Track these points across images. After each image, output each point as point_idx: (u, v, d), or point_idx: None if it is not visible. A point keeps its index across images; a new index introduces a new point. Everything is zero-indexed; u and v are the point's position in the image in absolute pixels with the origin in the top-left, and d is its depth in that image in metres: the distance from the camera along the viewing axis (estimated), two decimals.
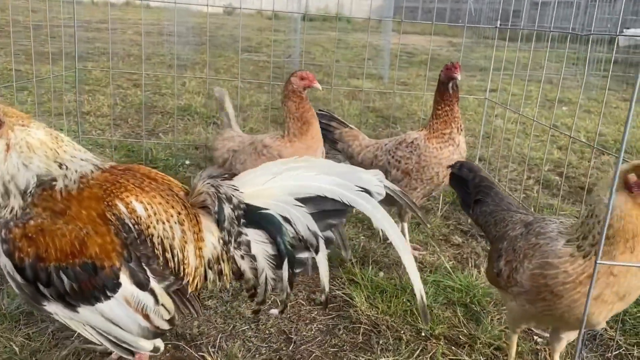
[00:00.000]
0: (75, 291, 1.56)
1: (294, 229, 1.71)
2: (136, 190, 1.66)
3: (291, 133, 2.86)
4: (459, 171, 2.35)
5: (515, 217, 2.00)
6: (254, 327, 2.33)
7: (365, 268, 2.79)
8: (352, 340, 2.28)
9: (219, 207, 1.70)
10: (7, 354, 2.00)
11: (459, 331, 2.34)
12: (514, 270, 1.83)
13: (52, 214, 1.56)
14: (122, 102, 6.70)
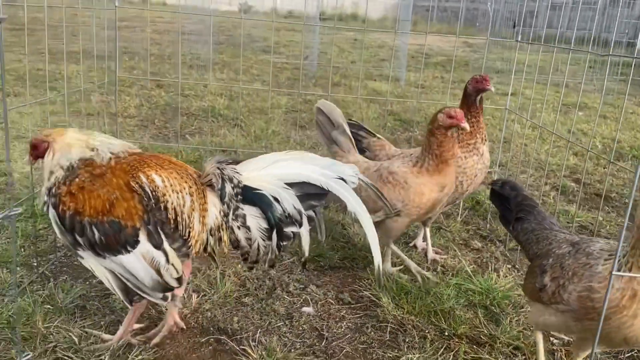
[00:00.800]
0: (103, 243, 1.95)
1: (281, 207, 2.11)
2: (156, 167, 2.08)
3: (424, 167, 2.75)
4: (500, 189, 2.46)
5: (559, 237, 2.12)
6: (288, 323, 2.51)
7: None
8: (380, 338, 2.45)
9: (221, 184, 2.10)
10: (67, 344, 2.19)
11: (480, 331, 2.50)
12: (561, 287, 1.91)
13: (91, 177, 1.99)
14: (147, 103, 6.90)
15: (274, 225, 2.12)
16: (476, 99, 3.07)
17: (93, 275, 2.73)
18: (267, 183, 2.14)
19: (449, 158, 2.73)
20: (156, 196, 2.01)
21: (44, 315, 2.33)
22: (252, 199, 2.12)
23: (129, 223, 1.96)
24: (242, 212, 2.12)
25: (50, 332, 2.25)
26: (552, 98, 8.86)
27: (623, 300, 1.70)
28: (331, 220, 3.60)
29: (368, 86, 9.47)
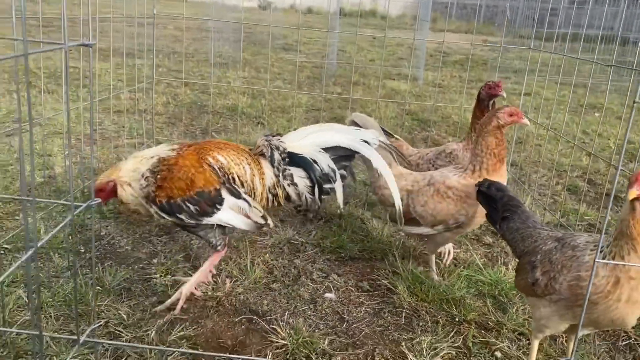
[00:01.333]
0: (199, 211, 2.46)
1: (319, 166, 2.68)
2: (216, 149, 2.60)
3: (483, 169, 2.79)
4: (487, 190, 2.58)
5: (542, 234, 2.30)
6: (312, 307, 2.76)
7: (406, 261, 3.19)
8: (396, 322, 2.69)
9: (271, 152, 2.66)
10: (118, 320, 2.47)
11: (488, 318, 2.73)
12: (553, 280, 2.10)
13: (168, 168, 2.46)
14: (173, 100, 7.20)
15: (314, 182, 2.68)
16: (489, 104, 3.29)
17: (135, 260, 3.03)
18: (307, 148, 2.70)
19: (504, 155, 2.84)
20: (223, 170, 2.53)
21: (96, 295, 2.61)
22: (296, 162, 2.68)
23: (211, 188, 2.46)
24: (290, 172, 2.67)
25: (102, 309, 2.53)
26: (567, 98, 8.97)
27: (608, 286, 1.92)
28: (351, 215, 3.84)
29: (387, 85, 9.67)
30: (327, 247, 3.35)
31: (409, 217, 2.96)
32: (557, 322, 2.15)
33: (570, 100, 5.07)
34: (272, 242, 3.36)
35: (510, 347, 2.53)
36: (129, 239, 3.28)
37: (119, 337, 2.38)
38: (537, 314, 2.23)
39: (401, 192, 2.95)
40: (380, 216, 3.87)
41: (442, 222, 2.87)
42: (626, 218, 1.90)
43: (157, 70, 9.18)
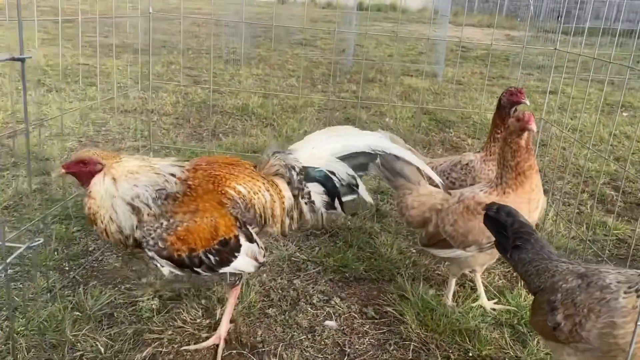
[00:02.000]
0: (218, 262, 2.15)
1: (337, 177, 2.43)
2: (232, 177, 2.26)
3: (504, 183, 2.56)
4: (496, 214, 2.26)
5: (561, 267, 2.01)
6: (310, 337, 2.51)
7: (416, 283, 2.91)
8: (402, 357, 2.42)
9: (289, 174, 2.37)
10: (94, 353, 2.25)
11: (505, 353, 2.45)
12: (578, 326, 1.82)
13: (190, 215, 2.08)
14: (183, 99, 6.99)
15: (333, 195, 2.44)
16: (510, 111, 2.99)
17: (122, 280, 2.82)
18: (321, 159, 2.44)
19: (527, 169, 2.50)
20: (244, 203, 2.24)
21: (73, 322, 2.40)
22: (313, 177, 2.42)
23: (231, 235, 2.16)
24: (307, 190, 2.41)
25: (78, 339, 2.32)
26: (594, 97, 8.56)
27: None
28: (359, 229, 3.58)
29: (404, 82, 9.34)
30: (331, 266, 3.09)
31: (440, 239, 2.70)
32: None
33: (597, 99, 4.70)
34: (272, 259, 3.12)
35: None
36: (119, 254, 3.07)
37: None
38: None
39: (430, 212, 2.77)
40: (390, 229, 3.60)
41: (475, 241, 2.58)
42: None
43: (170, 68, 9.01)
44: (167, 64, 9.16)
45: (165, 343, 2.38)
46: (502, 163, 2.56)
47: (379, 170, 2.93)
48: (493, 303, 2.82)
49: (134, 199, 2.03)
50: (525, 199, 2.52)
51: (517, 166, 2.50)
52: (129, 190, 2.03)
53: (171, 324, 2.50)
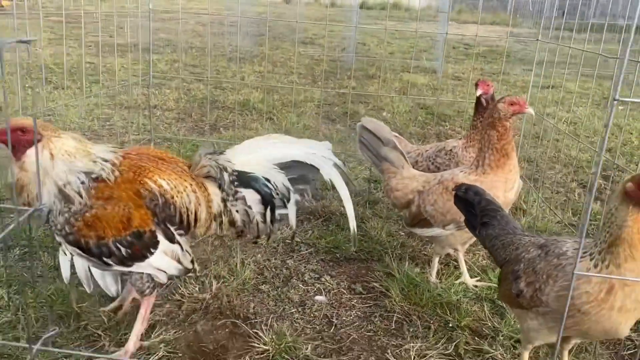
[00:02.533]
0: (130, 255, 2.06)
1: (272, 185, 2.34)
2: (157, 170, 2.18)
3: (486, 164, 2.70)
4: (464, 194, 2.40)
5: (523, 240, 2.15)
6: (300, 310, 2.67)
7: (403, 263, 3.07)
8: (386, 327, 2.58)
9: (220, 175, 2.28)
10: (97, 323, 2.43)
11: (484, 324, 2.60)
12: (538, 291, 1.97)
13: (103, 202, 2.01)
14: (185, 95, 7.17)
15: (267, 203, 2.35)
16: (489, 100, 3.14)
17: None
18: (258, 165, 2.36)
19: (511, 150, 2.67)
20: (164, 198, 2.13)
21: (79, 297, 2.57)
22: (247, 182, 2.33)
23: (146, 229, 2.07)
24: (241, 195, 2.32)
25: (83, 311, 2.49)
26: (591, 92, 8.67)
27: (601, 294, 1.78)
28: None
29: (403, 78, 9.48)
30: (323, 247, 3.26)
31: (421, 219, 2.87)
32: (547, 334, 2.02)
33: (594, 93, 4.84)
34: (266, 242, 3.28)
35: (504, 355, 2.40)
36: None
37: (97, 340, 2.33)
38: (524, 326, 2.10)
39: (412, 193, 2.94)
40: (381, 215, 3.76)
41: (453, 220, 2.75)
42: (625, 223, 1.76)
43: (174, 65, 9.20)
44: (170, 62, 9.35)
45: (164, 313, 2.55)
46: (486, 146, 2.71)
47: (366, 155, 3.10)
48: (475, 280, 2.97)
49: (66, 185, 1.97)
50: (503, 178, 2.69)
51: (502, 148, 2.67)
52: (62, 174, 1.97)
53: (170, 298, 2.67)
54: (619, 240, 1.76)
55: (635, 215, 1.74)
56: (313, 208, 3.77)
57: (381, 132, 3.05)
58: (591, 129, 6.67)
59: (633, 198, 1.73)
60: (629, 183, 1.74)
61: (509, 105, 2.65)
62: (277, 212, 2.38)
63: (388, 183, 3.02)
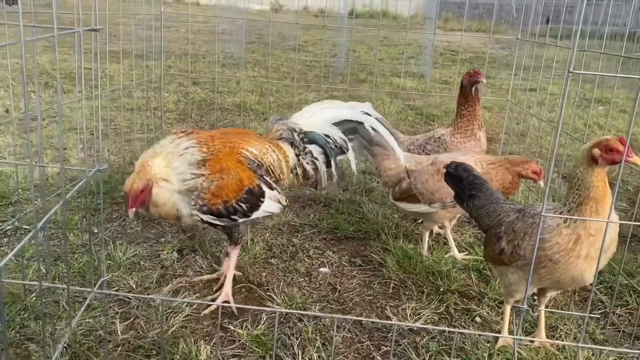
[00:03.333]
0: (249, 207, 2.58)
1: (332, 139, 2.90)
2: (244, 142, 2.70)
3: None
4: (455, 170, 2.74)
5: (505, 207, 2.47)
6: (307, 279, 2.97)
7: (397, 240, 3.38)
8: (384, 292, 2.89)
9: (292, 136, 2.84)
10: (127, 288, 2.70)
11: (471, 288, 2.91)
12: (517, 247, 2.29)
13: (220, 173, 2.50)
14: (184, 98, 7.46)
15: (329, 154, 2.90)
16: (471, 90, 3.47)
17: (144, 240, 3.27)
18: (317, 126, 2.91)
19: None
20: (257, 160, 2.66)
21: (107, 268, 2.85)
22: (312, 139, 2.88)
23: (254, 184, 2.59)
24: (309, 149, 2.87)
25: (113, 280, 2.77)
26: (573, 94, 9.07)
27: (570, 244, 2.10)
28: (349, 200, 4.04)
29: (393, 82, 9.84)
30: (324, 228, 3.56)
31: (410, 194, 3.17)
32: (525, 285, 2.32)
33: (577, 94, 5.22)
34: (273, 224, 3.57)
35: (489, 313, 2.71)
36: (139, 221, 3.52)
37: (128, 303, 2.61)
38: (506, 281, 2.41)
39: (404, 172, 3.25)
40: (377, 201, 4.07)
41: (440, 199, 3.06)
42: (594, 184, 2.07)
43: (169, 71, 9.48)
44: (166, 68, 9.63)
45: (186, 280, 2.83)
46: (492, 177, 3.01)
47: (358, 141, 3.40)
48: (464, 255, 3.29)
49: (185, 182, 2.43)
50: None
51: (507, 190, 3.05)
52: (178, 180, 2.43)
53: (189, 269, 2.95)
54: (588, 199, 2.08)
55: (600, 175, 2.06)
56: (313, 195, 4.08)
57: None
58: (572, 127, 7.04)
59: (600, 162, 2.04)
60: (594, 149, 2.05)
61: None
62: (338, 158, 2.94)
63: (382, 164, 3.34)
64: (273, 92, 8.25)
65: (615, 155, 2.02)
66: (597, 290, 3.01)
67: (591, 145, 2.09)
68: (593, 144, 2.08)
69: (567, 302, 2.89)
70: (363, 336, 2.50)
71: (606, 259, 2.22)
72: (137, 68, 7.63)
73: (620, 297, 2.95)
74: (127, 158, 4.69)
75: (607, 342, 2.58)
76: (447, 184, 2.82)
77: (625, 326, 2.71)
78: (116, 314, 2.50)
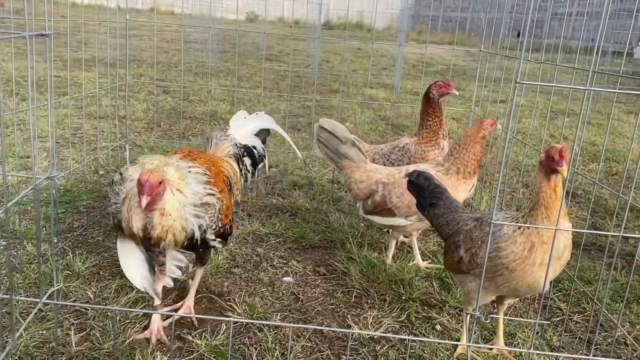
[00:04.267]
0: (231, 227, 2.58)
1: (257, 149, 3.19)
2: (218, 162, 2.77)
3: (468, 172, 3.06)
4: (416, 179, 2.75)
5: (463, 216, 2.51)
6: (270, 289, 2.95)
7: (362, 249, 3.39)
8: (347, 300, 2.89)
9: (238, 152, 3.02)
10: (85, 299, 2.65)
11: (432, 296, 2.94)
12: (475, 255, 2.32)
13: (222, 194, 2.46)
14: (153, 107, 7.39)
15: (256, 164, 3.16)
16: (439, 101, 3.52)
17: (105, 249, 3.22)
18: (247, 138, 3.19)
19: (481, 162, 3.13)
20: (230, 180, 2.79)
21: (65, 278, 2.79)
22: (247, 152, 3.10)
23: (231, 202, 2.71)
24: (244, 162, 3.06)
25: (70, 290, 2.71)
26: (541, 105, 9.30)
27: (525, 252, 2.13)
28: (316, 210, 4.04)
29: (365, 93, 9.92)
30: (290, 237, 3.55)
31: (385, 208, 3.15)
32: (483, 293, 2.35)
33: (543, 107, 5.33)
34: (238, 233, 3.55)
35: (450, 321, 2.73)
36: (101, 230, 3.46)
37: (85, 314, 2.55)
38: (465, 289, 2.44)
39: (376, 184, 3.22)
40: (344, 210, 4.08)
41: (416, 212, 2.99)
42: (542, 190, 2.12)
43: (140, 80, 9.39)
44: (137, 76, 9.54)
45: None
46: (471, 157, 3.05)
47: (324, 153, 3.42)
48: (427, 263, 3.31)
49: (202, 198, 2.27)
50: (466, 184, 3.10)
51: (479, 159, 3.12)
52: (194, 195, 2.24)
53: None
54: (537, 205, 2.13)
55: (548, 181, 2.11)
56: (280, 205, 4.07)
57: (339, 131, 3.34)
58: (537, 138, 7.19)
59: (544, 167, 2.10)
60: (541, 156, 2.11)
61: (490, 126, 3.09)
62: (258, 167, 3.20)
63: (351, 176, 3.29)
64: (245, 101, 8.24)
65: (553, 163, 2.07)
66: (556, 297, 3.06)
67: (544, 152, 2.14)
68: (544, 151, 2.13)
69: (527, 310, 2.93)
70: (323, 345, 2.50)
71: (561, 266, 2.26)
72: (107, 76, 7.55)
73: (578, 304, 3.01)
74: (92, 167, 4.62)
75: (564, 348, 2.63)
76: (410, 192, 2.84)
77: (582, 332, 2.76)
78: (72, 325, 2.45)
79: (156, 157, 2.19)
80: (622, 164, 6.21)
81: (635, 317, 2.92)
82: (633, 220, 4.41)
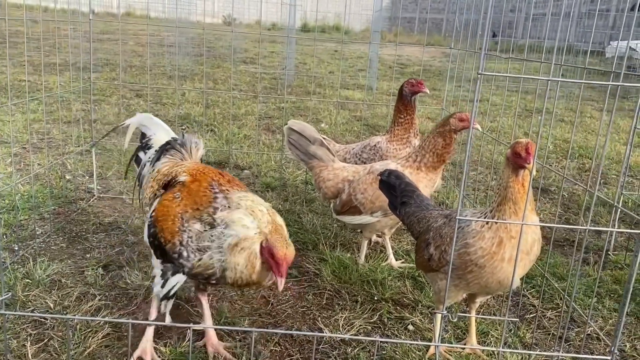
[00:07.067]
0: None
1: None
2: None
3: (423, 164, 3.00)
4: (387, 178, 2.74)
5: (434, 213, 2.47)
6: (239, 293, 2.87)
7: (335, 250, 3.34)
8: (318, 303, 2.82)
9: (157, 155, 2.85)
10: (44, 308, 2.54)
11: (405, 296, 2.89)
12: (444, 252, 2.28)
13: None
14: (126, 111, 7.26)
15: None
16: (411, 99, 3.49)
17: (69, 256, 3.11)
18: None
19: (447, 159, 3.01)
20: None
21: (24, 287, 2.68)
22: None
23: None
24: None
25: (29, 299, 2.60)
26: (514, 104, 9.37)
27: (493, 247, 2.10)
28: (288, 211, 3.98)
29: (341, 94, 9.89)
30: None
31: (351, 206, 3.12)
32: (454, 291, 2.31)
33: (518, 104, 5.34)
34: None
35: (422, 320, 2.69)
36: (65, 237, 3.35)
37: (43, 324, 2.45)
38: (436, 287, 2.40)
39: (342, 182, 3.20)
40: (317, 211, 4.02)
41: (380, 207, 3.01)
42: (510, 185, 2.09)
43: (113, 83, 9.23)
44: (110, 80, 9.37)
45: (110, 298, 2.69)
46: (430, 148, 2.99)
47: (295, 154, 3.36)
48: (400, 262, 3.27)
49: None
50: (429, 178, 3.03)
51: (442, 155, 2.99)
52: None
53: (115, 286, 2.81)
54: (505, 200, 2.10)
55: (515, 176, 2.08)
56: None
57: (307, 131, 3.32)
58: (512, 136, 7.23)
59: (511, 162, 2.07)
60: (508, 151, 2.09)
61: (459, 121, 2.93)
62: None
63: (320, 175, 3.27)
64: (219, 103, 8.14)
65: (519, 159, 2.04)
66: (529, 294, 3.04)
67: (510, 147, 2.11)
68: (510, 147, 2.10)
69: (500, 308, 2.91)
70: (293, 349, 2.43)
71: (530, 262, 2.23)
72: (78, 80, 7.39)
73: (551, 300, 2.99)
74: (59, 172, 4.49)
75: (537, 345, 2.60)
76: (382, 191, 2.80)
77: (555, 329, 2.74)
78: (29, 336, 2.34)
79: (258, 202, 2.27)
80: (595, 160, 6.26)
81: (608, 311, 2.91)
82: (605, 216, 4.44)
